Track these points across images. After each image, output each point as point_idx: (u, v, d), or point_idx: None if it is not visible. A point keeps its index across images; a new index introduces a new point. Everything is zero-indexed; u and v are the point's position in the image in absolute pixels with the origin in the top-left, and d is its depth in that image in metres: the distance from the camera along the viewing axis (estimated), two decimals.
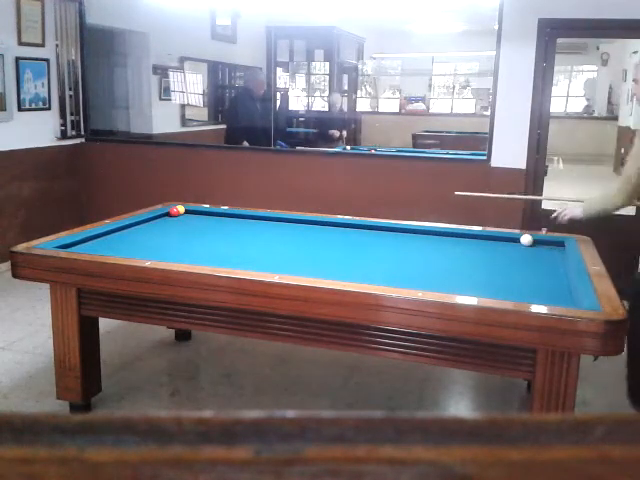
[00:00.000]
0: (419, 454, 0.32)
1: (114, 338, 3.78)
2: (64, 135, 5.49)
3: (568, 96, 12.50)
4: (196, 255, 2.78)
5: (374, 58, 7.84)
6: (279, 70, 6.93)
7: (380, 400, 3.18)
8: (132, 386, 3.24)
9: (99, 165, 5.64)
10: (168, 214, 3.58)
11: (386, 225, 3.41)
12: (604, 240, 3.42)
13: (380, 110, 7.67)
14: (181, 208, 3.64)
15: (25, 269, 2.71)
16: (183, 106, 6.90)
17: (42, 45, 5.18)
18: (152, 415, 0.35)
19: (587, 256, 2.77)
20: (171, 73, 6.64)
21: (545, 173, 4.70)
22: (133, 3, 5.96)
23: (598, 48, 12.01)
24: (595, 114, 12.32)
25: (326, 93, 6.76)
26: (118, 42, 6.37)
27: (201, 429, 0.34)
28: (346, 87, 7.64)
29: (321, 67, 6.85)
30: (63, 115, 5.46)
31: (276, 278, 2.37)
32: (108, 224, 3.23)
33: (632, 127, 9.07)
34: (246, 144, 5.81)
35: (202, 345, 3.81)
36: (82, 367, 2.84)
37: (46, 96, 5.29)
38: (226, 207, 3.84)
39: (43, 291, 3.03)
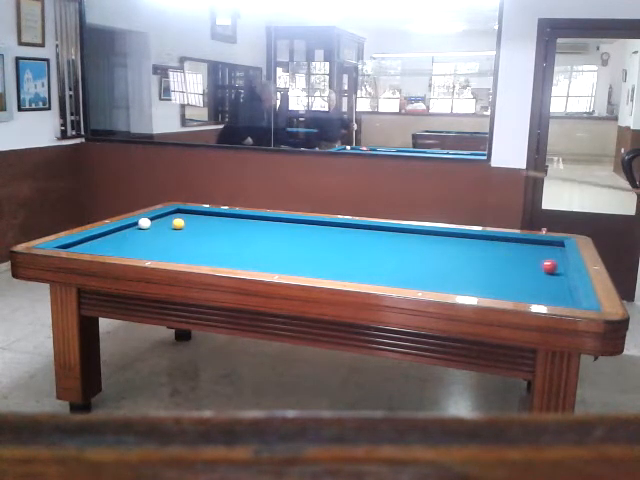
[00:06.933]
0: (419, 454, 0.32)
1: (114, 338, 3.78)
2: (64, 135, 5.49)
3: (568, 96, 12.50)
4: (196, 255, 2.78)
5: (374, 58, 7.84)
6: (279, 70, 6.92)
7: (380, 400, 3.18)
8: (132, 386, 3.24)
9: (99, 165, 5.64)
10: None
11: (386, 225, 3.41)
12: (604, 240, 3.42)
13: (380, 110, 7.67)
14: (178, 223, 3.39)
15: (25, 269, 2.71)
16: (183, 106, 6.90)
17: (42, 45, 5.18)
18: (152, 415, 0.35)
19: (587, 256, 2.77)
20: (171, 73, 6.63)
21: (545, 173, 4.70)
22: (133, 3, 5.96)
23: (598, 48, 12.01)
24: (595, 114, 12.32)
25: (326, 93, 6.76)
26: (118, 42, 6.37)
27: (201, 429, 0.34)
28: (346, 87, 7.63)
29: (321, 67, 6.85)
30: (63, 115, 5.46)
31: (276, 278, 2.37)
32: (108, 224, 3.23)
33: (632, 127, 9.07)
34: (249, 140, 5.80)
35: (202, 345, 3.81)
36: (82, 367, 2.84)
37: (46, 96, 5.29)
38: (226, 207, 3.84)
39: (43, 291, 3.02)
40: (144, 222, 3.31)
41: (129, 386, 3.24)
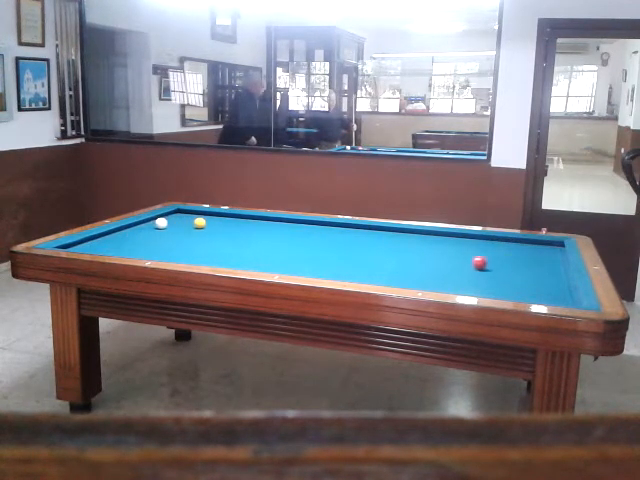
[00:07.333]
0: (419, 454, 0.32)
1: (114, 338, 3.78)
2: (64, 135, 5.49)
3: (568, 96, 12.50)
4: (196, 255, 2.78)
5: (374, 58, 7.84)
6: (279, 70, 6.93)
7: (380, 400, 3.18)
8: (132, 386, 3.24)
9: (99, 165, 5.64)
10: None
11: (386, 225, 3.41)
12: (604, 240, 3.42)
13: (380, 110, 7.67)
14: (200, 222, 3.42)
15: (25, 269, 2.71)
16: (183, 106, 6.90)
17: (42, 45, 5.18)
18: (152, 415, 0.35)
19: (587, 256, 2.77)
20: (171, 73, 6.63)
21: (545, 173, 4.70)
22: (133, 3, 5.96)
23: (598, 48, 12.01)
24: (595, 114, 12.33)
25: (326, 93, 6.77)
26: (118, 42, 6.37)
27: (201, 429, 0.34)
28: (346, 87, 7.63)
29: (321, 67, 6.85)
30: (63, 115, 5.46)
31: (276, 278, 2.37)
32: (108, 224, 3.23)
33: (632, 127, 9.07)
34: (253, 140, 5.81)
35: (202, 345, 3.81)
36: (82, 367, 2.84)
37: (46, 96, 5.29)
38: (226, 207, 3.84)
39: (43, 291, 3.03)
40: (161, 222, 3.31)
41: (129, 386, 3.24)
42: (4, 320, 4.08)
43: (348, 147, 6.51)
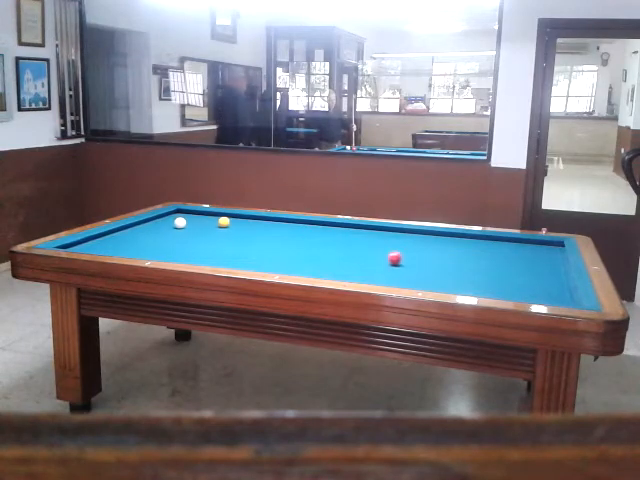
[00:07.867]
0: (419, 454, 0.32)
1: (114, 338, 3.78)
2: (64, 135, 5.49)
3: (568, 96, 12.50)
4: (196, 255, 2.78)
5: (374, 58, 7.84)
6: (279, 70, 6.93)
7: (380, 400, 3.18)
8: (132, 386, 3.24)
9: (99, 165, 5.64)
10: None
11: (386, 225, 3.41)
12: (604, 240, 3.42)
13: (380, 110, 7.67)
14: (224, 222, 3.44)
15: (25, 269, 2.71)
16: (183, 106, 6.90)
17: (42, 45, 5.18)
18: (152, 415, 0.35)
19: (587, 256, 2.77)
20: (171, 73, 6.63)
21: (545, 173, 4.70)
22: (133, 3, 5.96)
23: (598, 48, 12.01)
24: (595, 114, 12.33)
25: (326, 93, 6.77)
26: (118, 42, 6.37)
27: (201, 429, 0.34)
28: (346, 87, 7.64)
29: (321, 67, 6.85)
30: (63, 115, 5.46)
31: (276, 278, 2.37)
32: (108, 224, 3.23)
33: (632, 127, 9.07)
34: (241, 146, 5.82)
35: (202, 345, 3.81)
36: (82, 367, 2.84)
37: (46, 96, 5.29)
38: (226, 207, 3.84)
39: (43, 291, 3.03)
40: (180, 222, 3.31)
41: (129, 386, 3.24)
42: (4, 320, 4.08)
43: (348, 147, 6.51)
